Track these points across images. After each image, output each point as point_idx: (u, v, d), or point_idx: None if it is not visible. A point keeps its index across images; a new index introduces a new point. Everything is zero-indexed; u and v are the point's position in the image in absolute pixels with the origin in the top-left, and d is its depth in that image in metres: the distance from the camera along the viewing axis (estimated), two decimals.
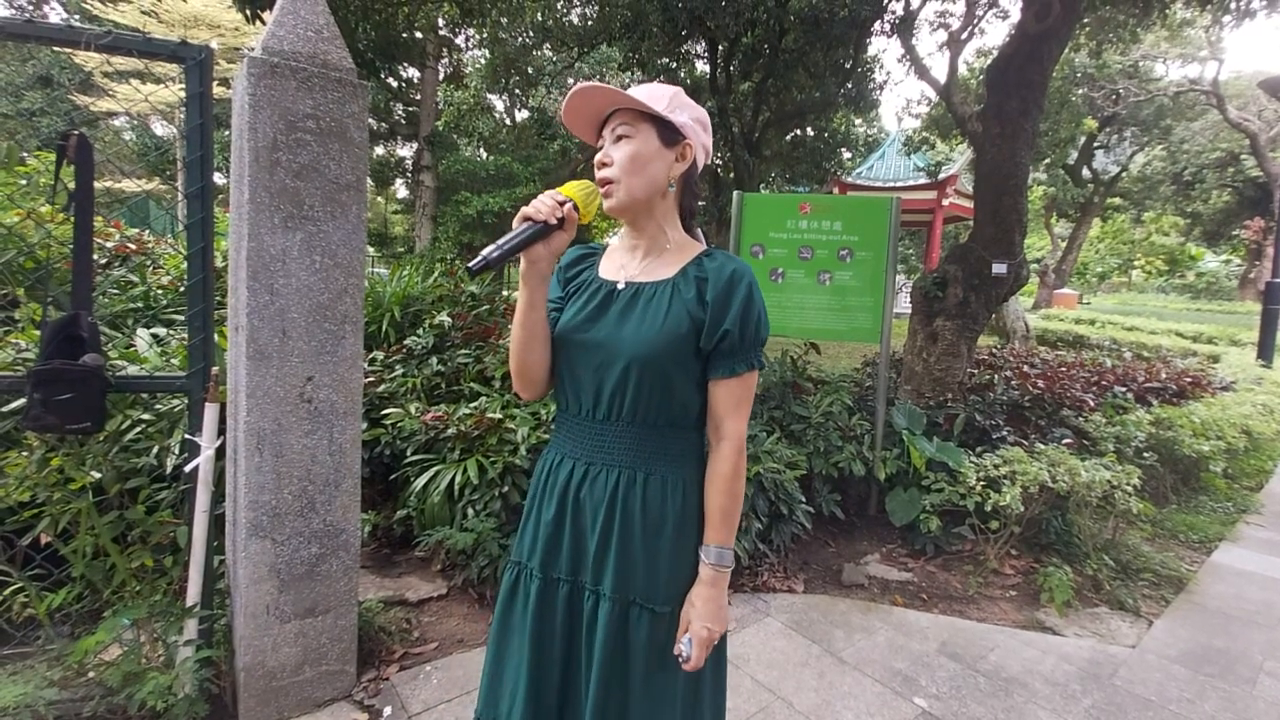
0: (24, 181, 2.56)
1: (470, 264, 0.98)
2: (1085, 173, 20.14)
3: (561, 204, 1.04)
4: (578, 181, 1.10)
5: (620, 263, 1.17)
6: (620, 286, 1.13)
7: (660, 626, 1.07)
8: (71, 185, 1.67)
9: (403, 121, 18.21)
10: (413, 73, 16.86)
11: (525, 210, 1.03)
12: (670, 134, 1.09)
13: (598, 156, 1.12)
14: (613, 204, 1.10)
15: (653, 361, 1.05)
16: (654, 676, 1.07)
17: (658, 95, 1.08)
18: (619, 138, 1.09)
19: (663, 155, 1.09)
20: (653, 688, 1.07)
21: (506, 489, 2.58)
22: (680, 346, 1.06)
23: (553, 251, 1.06)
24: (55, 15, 17.91)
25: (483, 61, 11.84)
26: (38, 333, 2.18)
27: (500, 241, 1.01)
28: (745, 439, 1.10)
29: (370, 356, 3.43)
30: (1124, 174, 21.51)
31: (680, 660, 1.05)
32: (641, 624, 1.07)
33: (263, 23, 4.46)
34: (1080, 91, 14.03)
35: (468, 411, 2.82)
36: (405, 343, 3.52)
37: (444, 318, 3.67)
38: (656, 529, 1.08)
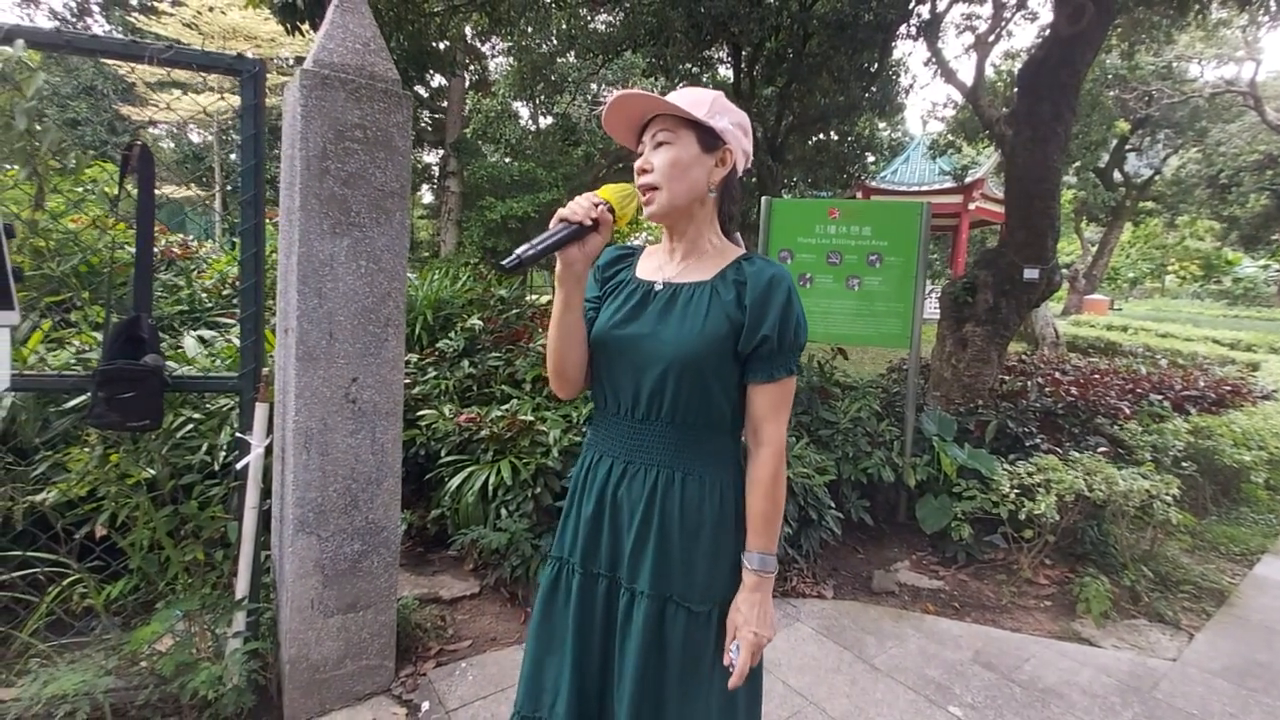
0: (81, 189, 2.68)
1: (504, 261, 1.00)
2: (1117, 176, 19.70)
3: (596, 206, 1.04)
4: (615, 184, 1.10)
5: (658, 264, 1.18)
6: (658, 287, 1.13)
7: (697, 625, 1.08)
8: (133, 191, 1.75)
9: (429, 128, 18.49)
10: (440, 80, 17.13)
11: (561, 212, 1.04)
12: (710, 139, 1.09)
13: (638, 163, 1.11)
14: (654, 210, 1.10)
15: (692, 363, 1.06)
16: (690, 675, 1.08)
17: (698, 100, 1.08)
18: (659, 144, 1.09)
19: (702, 161, 1.09)
20: (689, 686, 1.08)
21: (539, 490, 2.62)
22: (719, 349, 1.06)
23: (587, 254, 1.07)
24: (96, 27, 18.56)
25: (509, 69, 12.01)
26: (96, 335, 2.28)
27: (535, 241, 1.02)
28: (785, 444, 1.10)
29: (404, 359, 3.50)
30: (1157, 177, 21.00)
31: (730, 667, 1.05)
32: (678, 622, 1.08)
33: (301, 34, 4.60)
34: (1112, 93, 13.77)
35: (500, 413, 2.87)
36: (437, 346, 3.59)
37: (475, 321, 3.73)
38: (694, 528, 1.09)
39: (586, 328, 1.17)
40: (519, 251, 1.00)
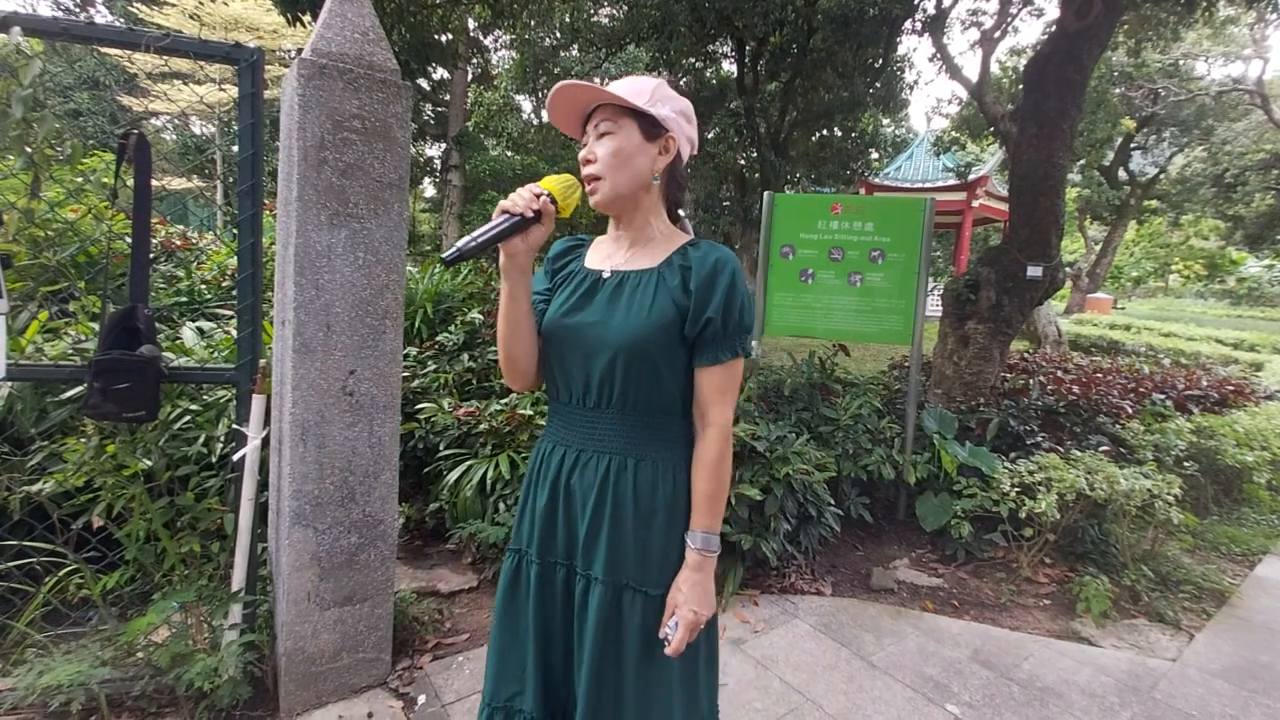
0: (79, 179, 2.67)
1: (445, 255, 0.98)
2: (1121, 174, 19.58)
3: (538, 197, 1.04)
4: (557, 175, 1.10)
5: (607, 253, 1.19)
6: (606, 275, 1.14)
7: (653, 609, 1.09)
8: (130, 182, 1.74)
9: (431, 122, 18.45)
10: (442, 74, 17.08)
11: (503, 203, 1.04)
12: (652, 128, 1.10)
13: (582, 153, 1.12)
14: (598, 199, 1.11)
15: (640, 349, 1.06)
16: (649, 658, 1.09)
17: (639, 90, 1.09)
18: (602, 134, 1.09)
19: (645, 149, 1.10)
20: (648, 669, 1.09)
21: None
22: (666, 334, 1.07)
23: (530, 245, 1.07)
24: (100, 18, 18.53)
25: (512, 62, 11.97)
26: (93, 325, 2.27)
27: (476, 233, 1.02)
28: (731, 425, 1.12)
29: (404, 352, 3.49)
30: (1162, 176, 20.87)
31: (665, 642, 1.06)
32: (635, 607, 1.09)
33: (303, 25, 4.57)
34: (1118, 91, 13.68)
35: (499, 408, 2.86)
36: (437, 339, 3.58)
37: (475, 315, 3.71)
38: (648, 513, 1.10)
39: (537, 319, 1.17)
40: (459, 244, 0.99)
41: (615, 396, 1.09)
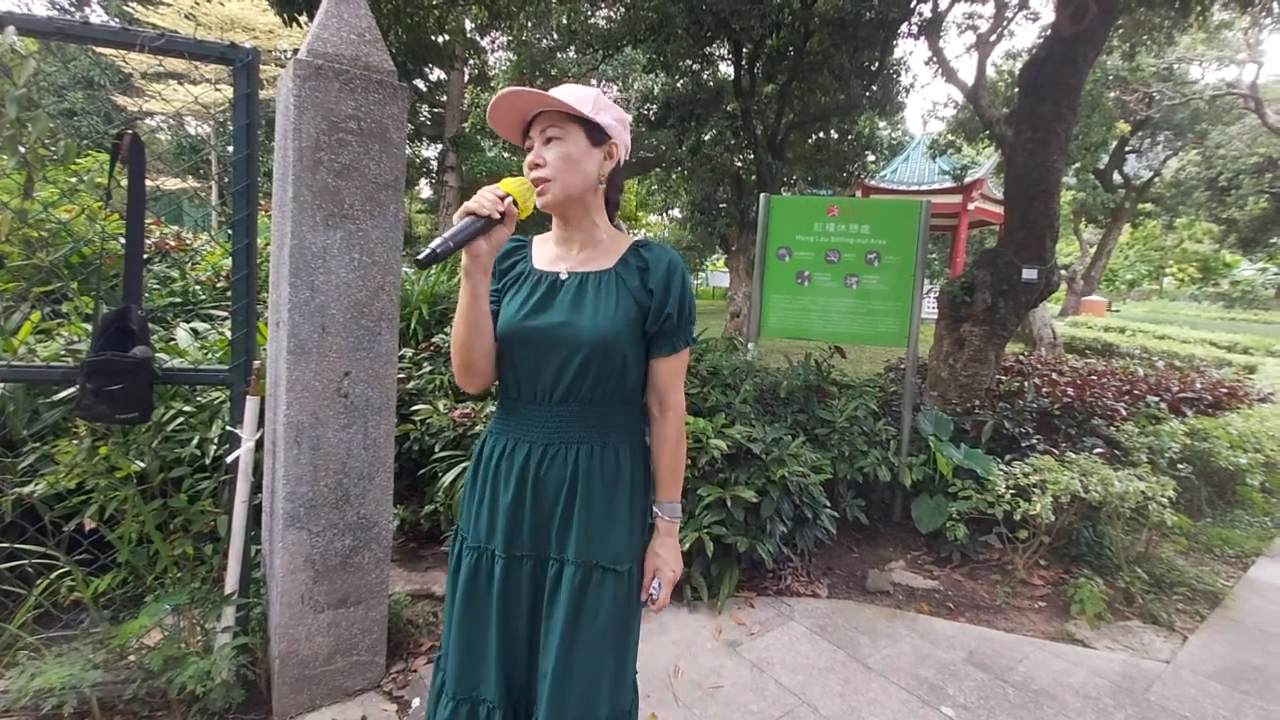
0: (73, 179, 2.66)
1: (419, 256, 1.01)
2: (1116, 178, 19.68)
3: (502, 199, 1.08)
4: (515, 178, 1.13)
5: (556, 254, 1.23)
6: (564, 276, 1.20)
7: (622, 584, 1.18)
8: (124, 183, 1.73)
9: (428, 123, 18.44)
10: (439, 75, 17.08)
11: (468, 205, 1.07)
12: (597, 134, 1.16)
13: (530, 157, 1.16)
14: (548, 200, 1.15)
15: (611, 345, 1.14)
16: (614, 629, 1.17)
17: (582, 98, 1.14)
18: (549, 139, 1.14)
19: (591, 154, 1.16)
20: (613, 638, 1.17)
21: None
22: (632, 330, 1.16)
23: (493, 245, 1.11)
24: (95, 18, 18.45)
25: (509, 64, 11.97)
26: (85, 326, 2.26)
27: (446, 235, 1.04)
28: (684, 406, 1.26)
29: (399, 353, 3.48)
30: (1156, 179, 20.97)
31: (651, 601, 1.21)
32: (606, 585, 1.16)
33: (299, 26, 4.56)
34: (1113, 95, 13.75)
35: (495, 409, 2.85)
36: (433, 340, 3.57)
37: None
38: (612, 493, 1.18)
39: (490, 320, 1.20)
40: (433, 245, 1.02)
41: (584, 391, 1.16)
